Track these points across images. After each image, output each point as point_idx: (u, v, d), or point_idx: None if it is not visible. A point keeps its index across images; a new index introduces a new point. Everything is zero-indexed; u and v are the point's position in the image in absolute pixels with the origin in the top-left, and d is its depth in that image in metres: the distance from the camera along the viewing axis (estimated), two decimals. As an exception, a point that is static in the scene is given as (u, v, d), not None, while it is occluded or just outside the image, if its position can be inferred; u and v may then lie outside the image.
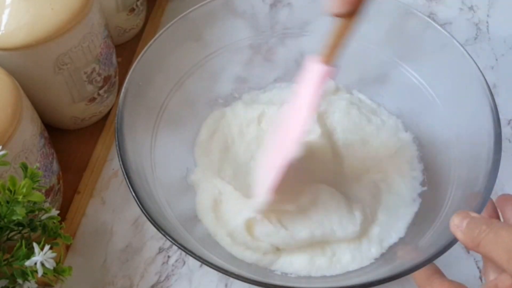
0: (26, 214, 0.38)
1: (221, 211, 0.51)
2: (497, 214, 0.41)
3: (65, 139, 0.58)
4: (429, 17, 0.52)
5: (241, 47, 0.58)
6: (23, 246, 0.38)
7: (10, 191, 0.37)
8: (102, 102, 0.57)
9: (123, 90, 0.47)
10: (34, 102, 0.48)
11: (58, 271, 0.38)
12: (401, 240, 0.49)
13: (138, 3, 0.65)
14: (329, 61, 0.43)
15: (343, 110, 0.56)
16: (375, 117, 0.57)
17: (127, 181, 0.42)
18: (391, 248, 0.49)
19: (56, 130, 0.57)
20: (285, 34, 0.58)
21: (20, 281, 0.38)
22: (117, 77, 0.59)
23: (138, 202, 0.42)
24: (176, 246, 0.40)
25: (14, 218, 0.37)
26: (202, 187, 0.52)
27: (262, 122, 0.57)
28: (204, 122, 0.57)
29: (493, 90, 0.48)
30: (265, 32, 0.58)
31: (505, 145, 0.48)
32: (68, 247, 0.52)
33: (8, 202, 0.37)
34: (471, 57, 0.49)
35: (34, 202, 0.39)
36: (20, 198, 0.37)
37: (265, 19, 0.58)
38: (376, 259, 0.48)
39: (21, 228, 0.40)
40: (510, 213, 0.40)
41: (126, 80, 0.48)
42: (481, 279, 0.50)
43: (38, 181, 0.38)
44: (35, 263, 0.37)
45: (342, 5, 0.38)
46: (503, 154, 0.43)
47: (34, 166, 0.39)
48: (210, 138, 0.56)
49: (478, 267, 0.51)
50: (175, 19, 0.53)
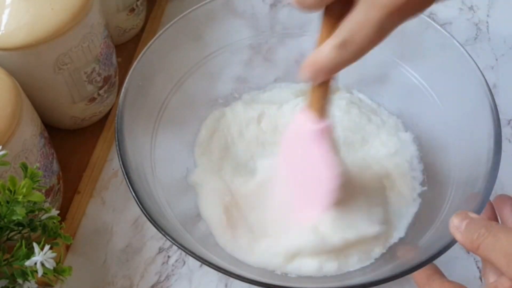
0: (26, 214, 0.38)
1: (239, 221, 0.50)
2: (495, 214, 0.41)
3: (65, 139, 0.58)
4: (429, 17, 0.52)
5: (241, 47, 0.58)
6: (23, 246, 0.38)
7: (10, 191, 0.37)
8: (102, 102, 0.57)
9: (123, 90, 0.47)
10: (34, 102, 0.48)
11: (58, 271, 0.38)
12: (401, 240, 0.49)
13: (138, 3, 0.65)
14: (322, 115, 0.41)
15: (343, 110, 0.56)
16: (375, 116, 0.57)
17: (127, 181, 0.42)
18: (391, 248, 0.49)
19: (56, 130, 0.57)
20: (285, 34, 0.58)
21: (20, 281, 0.38)
22: (117, 77, 0.59)
23: (138, 202, 0.41)
24: (176, 246, 0.40)
25: (14, 218, 0.37)
26: (207, 188, 0.52)
27: (262, 122, 0.56)
28: (204, 122, 0.57)
29: (493, 90, 0.48)
30: (265, 32, 0.58)
31: (505, 145, 0.48)
32: (68, 247, 0.52)
33: (8, 202, 0.37)
34: (471, 57, 0.49)
35: (34, 202, 0.39)
36: (20, 198, 0.37)
37: (265, 19, 0.58)
38: (376, 259, 0.48)
39: (21, 228, 0.40)
40: (508, 214, 0.40)
41: (126, 80, 0.48)
42: (481, 280, 0.50)
43: (38, 181, 0.38)
44: (35, 263, 0.37)
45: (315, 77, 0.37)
46: (503, 154, 0.43)
47: (34, 166, 0.39)
48: (210, 138, 0.56)
49: (478, 267, 0.51)
50: (175, 19, 0.52)
